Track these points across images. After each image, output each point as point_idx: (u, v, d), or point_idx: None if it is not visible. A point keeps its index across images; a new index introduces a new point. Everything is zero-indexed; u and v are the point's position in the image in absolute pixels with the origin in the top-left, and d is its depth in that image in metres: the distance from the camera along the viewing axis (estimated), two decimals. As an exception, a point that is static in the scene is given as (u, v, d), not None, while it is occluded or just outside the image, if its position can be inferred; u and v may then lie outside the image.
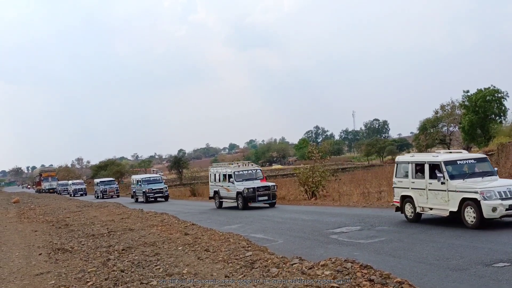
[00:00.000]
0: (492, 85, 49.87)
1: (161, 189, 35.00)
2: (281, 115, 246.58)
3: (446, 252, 9.67)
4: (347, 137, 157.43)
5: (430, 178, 13.15)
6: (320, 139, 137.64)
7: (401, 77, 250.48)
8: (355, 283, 6.45)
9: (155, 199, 34.77)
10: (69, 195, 53.63)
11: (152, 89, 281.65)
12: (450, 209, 12.56)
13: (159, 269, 8.71)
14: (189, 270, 8.36)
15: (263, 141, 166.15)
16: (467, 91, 51.23)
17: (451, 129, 58.12)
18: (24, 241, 13.98)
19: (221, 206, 25.01)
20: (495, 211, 11.58)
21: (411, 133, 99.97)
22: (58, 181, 68.36)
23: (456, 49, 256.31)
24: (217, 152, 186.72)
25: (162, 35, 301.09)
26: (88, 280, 8.30)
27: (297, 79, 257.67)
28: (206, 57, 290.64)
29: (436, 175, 12.84)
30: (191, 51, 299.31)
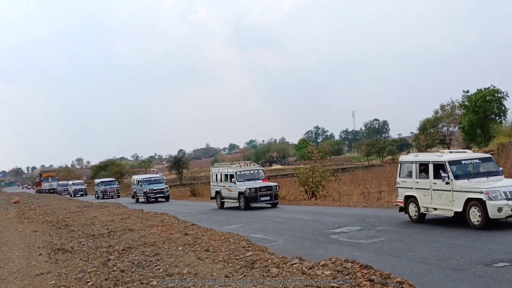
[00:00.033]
0: (492, 85, 49.92)
1: (162, 189, 34.94)
2: (281, 115, 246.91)
3: (446, 252, 9.67)
4: (347, 137, 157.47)
5: (435, 178, 13.03)
6: (320, 139, 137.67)
7: (401, 77, 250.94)
8: (355, 283, 6.45)
9: (156, 199, 34.72)
10: (70, 196, 53.66)
11: (152, 89, 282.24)
12: (455, 209, 12.44)
13: (159, 269, 8.71)
14: (189, 270, 8.36)
15: (263, 141, 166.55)
16: (467, 91, 51.27)
17: (451, 129, 58.20)
18: (24, 242, 13.96)
19: (222, 206, 24.93)
20: (501, 211, 11.46)
21: (411, 133, 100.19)
22: (58, 181, 68.45)
23: (456, 49, 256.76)
24: (217, 152, 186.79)
25: (162, 35, 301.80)
26: (88, 280, 8.29)
27: (297, 79, 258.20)
28: (206, 57, 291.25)
29: (441, 175, 12.69)
30: (191, 51, 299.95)
